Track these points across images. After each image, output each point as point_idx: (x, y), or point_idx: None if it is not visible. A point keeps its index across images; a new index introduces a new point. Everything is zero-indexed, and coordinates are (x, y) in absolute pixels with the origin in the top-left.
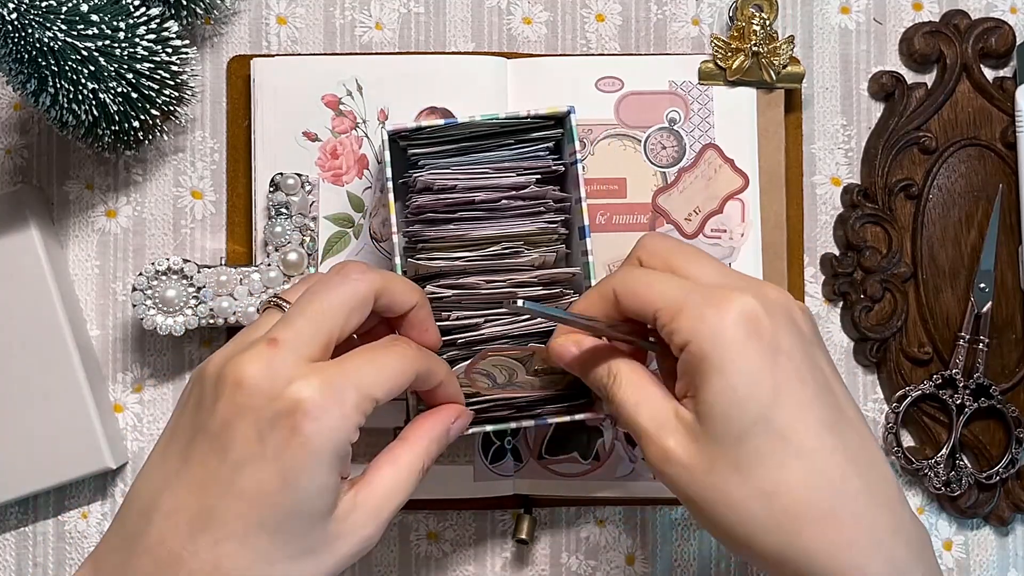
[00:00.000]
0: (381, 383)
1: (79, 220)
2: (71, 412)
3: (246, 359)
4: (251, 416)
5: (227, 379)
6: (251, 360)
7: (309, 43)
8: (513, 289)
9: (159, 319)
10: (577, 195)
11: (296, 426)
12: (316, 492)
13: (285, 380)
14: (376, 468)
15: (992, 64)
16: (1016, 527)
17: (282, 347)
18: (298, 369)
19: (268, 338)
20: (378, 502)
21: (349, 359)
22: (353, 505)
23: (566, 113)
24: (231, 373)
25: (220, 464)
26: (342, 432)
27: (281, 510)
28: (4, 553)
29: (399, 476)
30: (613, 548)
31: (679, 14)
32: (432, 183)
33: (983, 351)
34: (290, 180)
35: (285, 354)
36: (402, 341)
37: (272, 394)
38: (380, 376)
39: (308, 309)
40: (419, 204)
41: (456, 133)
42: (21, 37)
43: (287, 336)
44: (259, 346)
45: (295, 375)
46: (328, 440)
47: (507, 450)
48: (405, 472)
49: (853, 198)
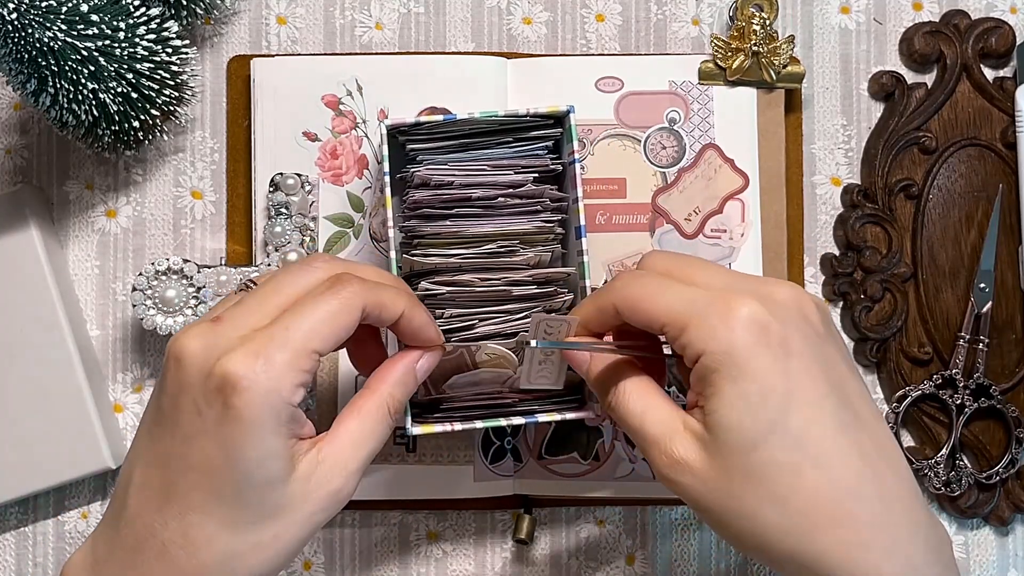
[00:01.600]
0: (316, 334)
1: (79, 220)
2: (71, 412)
3: (187, 335)
4: (190, 392)
5: (170, 355)
6: (191, 336)
7: (309, 43)
8: (508, 287)
9: (159, 319)
10: (574, 195)
11: (227, 400)
12: (260, 461)
13: (217, 355)
14: (340, 421)
15: (992, 64)
16: (1016, 527)
17: (223, 323)
18: (230, 343)
19: (214, 316)
20: (344, 454)
21: (280, 320)
22: (316, 462)
23: (565, 113)
24: (173, 349)
25: (173, 440)
26: (275, 397)
27: (231, 481)
28: (4, 553)
29: (364, 426)
30: (613, 548)
31: (679, 14)
32: (429, 178)
33: (983, 351)
34: (290, 180)
35: (224, 329)
36: (341, 281)
37: (205, 369)
38: (313, 327)
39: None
40: (416, 199)
41: (455, 130)
42: (21, 37)
43: (232, 313)
44: (203, 324)
45: (226, 349)
46: (262, 409)
47: (507, 450)
48: (371, 421)
49: (853, 198)
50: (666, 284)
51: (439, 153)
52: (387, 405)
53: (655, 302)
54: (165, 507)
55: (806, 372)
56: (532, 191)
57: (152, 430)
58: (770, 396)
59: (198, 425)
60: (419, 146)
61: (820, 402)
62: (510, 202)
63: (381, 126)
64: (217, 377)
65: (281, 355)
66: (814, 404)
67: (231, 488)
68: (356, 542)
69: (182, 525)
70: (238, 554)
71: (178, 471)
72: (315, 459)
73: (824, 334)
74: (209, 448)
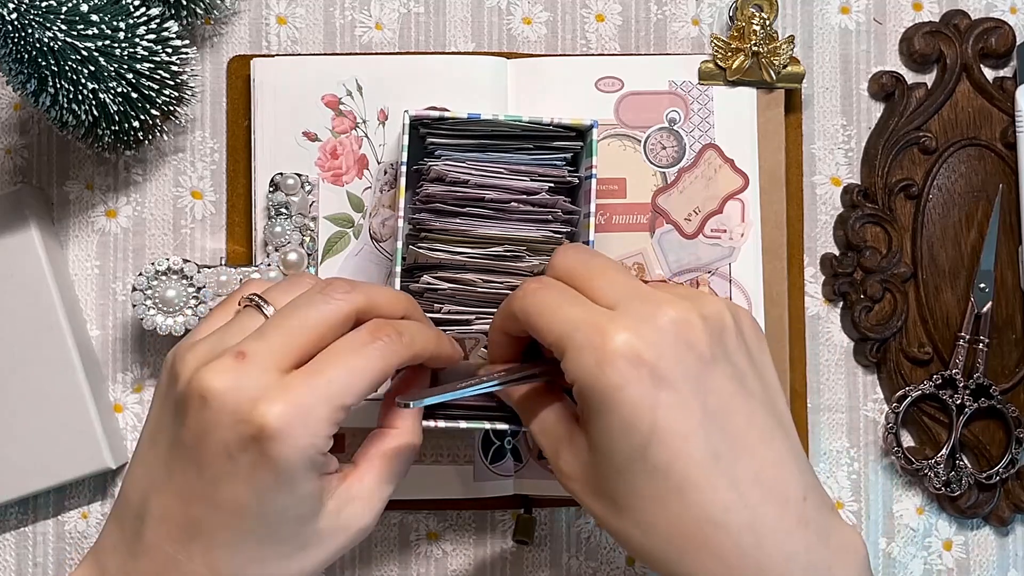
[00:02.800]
0: (354, 389)
1: (79, 220)
2: (71, 412)
3: (212, 373)
4: (219, 435)
5: (194, 392)
6: (217, 374)
7: (309, 43)
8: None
9: (159, 319)
10: (586, 209)
11: (263, 450)
12: (293, 504)
13: (250, 400)
14: (367, 458)
15: (992, 64)
16: (1016, 527)
17: (250, 361)
18: (264, 387)
19: (237, 351)
20: (372, 490)
21: (318, 368)
22: (347, 498)
23: (589, 127)
24: (197, 386)
25: (198, 478)
26: (311, 449)
27: (262, 521)
28: (4, 553)
29: (391, 465)
30: (613, 548)
31: (679, 14)
32: (445, 174)
33: (983, 351)
34: (290, 180)
35: (252, 369)
36: (382, 332)
37: (238, 415)
38: (351, 382)
39: (284, 324)
40: (429, 192)
41: (476, 129)
42: (21, 37)
43: (257, 349)
44: (227, 359)
45: (261, 394)
46: (297, 459)
47: (507, 450)
48: (397, 462)
49: (853, 198)
50: (558, 300)
51: (458, 150)
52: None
53: (544, 320)
54: (190, 543)
55: (677, 404)
56: (545, 200)
57: (170, 462)
58: (632, 431)
59: (228, 468)
60: (439, 141)
61: (690, 433)
62: (522, 208)
63: (405, 115)
64: (253, 425)
65: (320, 410)
66: (681, 435)
67: (262, 528)
68: None
69: (208, 560)
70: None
71: (204, 510)
72: (345, 496)
73: (707, 358)
74: (240, 491)
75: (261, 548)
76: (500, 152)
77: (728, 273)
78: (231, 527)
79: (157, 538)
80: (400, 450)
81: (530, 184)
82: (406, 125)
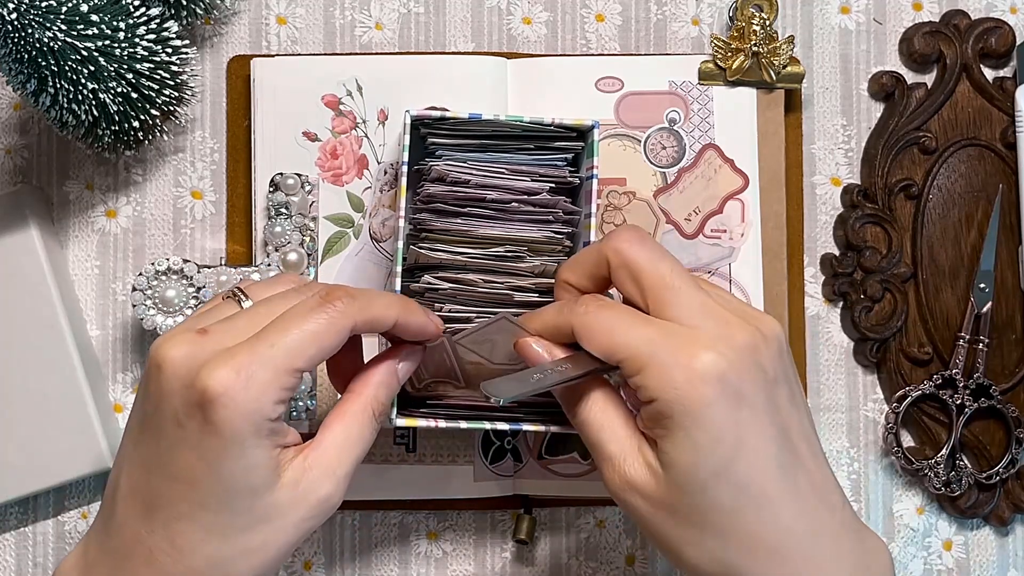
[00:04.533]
0: (301, 353)
1: (79, 220)
2: (71, 412)
3: (170, 343)
4: (170, 402)
5: (152, 361)
6: (175, 345)
7: (309, 43)
8: (510, 292)
9: (159, 319)
10: (587, 210)
11: (206, 415)
12: (243, 472)
13: (198, 367)
14: (325, 426)
15: (992, 64)
16: (1016, 527)
17: (209, 337)
18: (212, 355)
19: (200, 327)
20: (331, 460)
21: (263, 334)
22: (303, 468)
23: (590, 127)
24: (155, 356)
25: (156, 447)
26: (255, 414)
27: (215, 491)
28: (4, 553)
29: (350, 430)
30: (613, 548)
31: (679, 14)
32: (446, 174)
33: (983, 351)
34: (290, 180)
35: (207, 342)
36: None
37: (186, 380)
38: (298, 345)
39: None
40: (430, 192)
41: (477, 129)
42: (21, 37)
43: (220, 328)
44: (188, 333)
45: (207, 361)
46: (242, 423)
47: (507, 450)
48: (356, 424)
49: (853, 198)
50: (628, 319)
51: (459, 150)
52: (371, 408)
53: (614, 336)
54: (151, 515)
55: (755, 420)
56: (546, 200)
57: (136, 436)
58: (719, 446)
59: (179, 435)
60: (440, 141)
61: (765, 448)
62: (523, 208)
63: (406, 115)
64: (197, 390)
65: (263, 373)
66: (759, 451)
67: (215, 498)
68: (356, 542)
69: (168, 533)
70: (226, 560)
71: (162, 480)
72: (302, 465)
73: (773, 379)
74: (191, 459)
75: (218, 519)
76: (501, 152)
77: (728, 273)
78: (187, 498)
79: (125, 514)
80: (357, 413)
81: (531, 184)
82: (407, 125)
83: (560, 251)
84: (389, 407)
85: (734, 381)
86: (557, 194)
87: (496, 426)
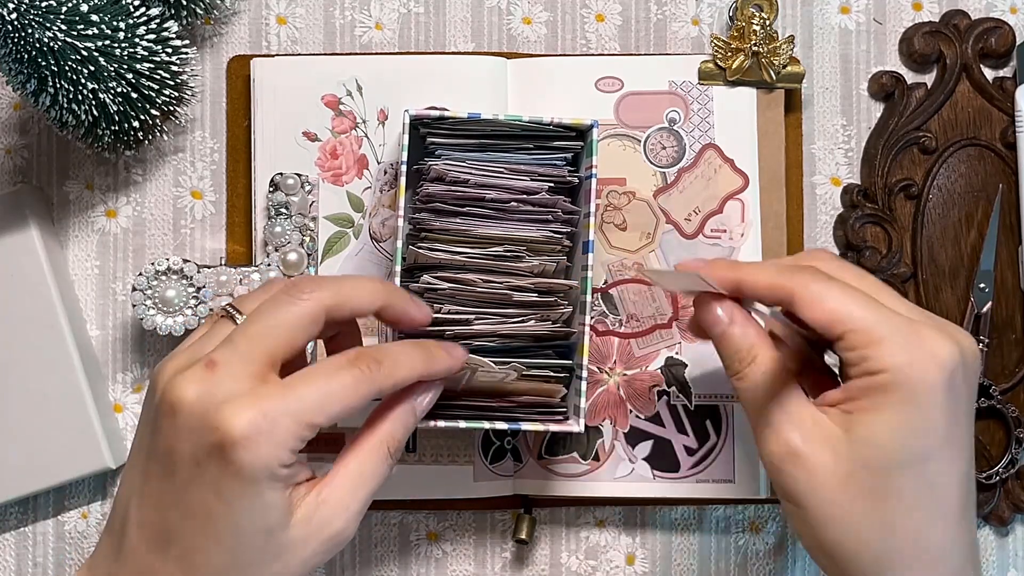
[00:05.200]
0: (322, 410)
1: (79, 220)
2: (71, 412)
3: (182, 383)
4: (187, 442)
5: (165, 402)
6: (187, 384)
7: (309, 43)
8: (508, 292)
9: (159, 319)
10: (586, 209)
11: (227, 457)
12: (259, 512)
13: (217, 408)
14: (339, 462)
15: (992, 64)
16: (1016, 527)
17: (219, 370)
18: (233, 395)
19: (208, 360)
20: (344, 496)
21: (291, 385)
22: (316, 505)
23: (589, 127)
24: (168, 396)
25: (169, 485)
26: (273, 461)
27: (230, 528)
28: (4, 553)
29: (364, 467)
30: (613, 548)
31: (679, 14)
32: (445, 173)
33: (983, 351)
34: (290, 180)
35: (221, 377)
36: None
37: (205, 422)
38: (322, 403)
39: (250, 330)
40: (430, 192)
41: (476, 129)
42: (21, 37)
43: (226, 358)
44: (197, 369)
45: (228, 403)
46: (261, 468)
47: (507, 450)
48: (370, 462)
49: (853, 198)
50: (860, 297)
51: (458, 150)
52: (386, 445)
53: (846, 306)
54: (165, 548)
55: (963, 426)
56: (545, 200)
57: (145, 468)
58: (928, 435)
59: (195, 474)
60: (439, 140)
61: (961, 456)
62: (522, 208)
63: (405, 115)
64: (219, 432)
65: (286, 423)
66: (957, 457)
67: (230, 534)
68: (356, 542)
69: (182, 565)
70: None
71: (176, 517)
72: (315, 502)
73: (973, 393)
74: (208, 499)
75: (231, 555)
76: (500, 152)
77: None
78: (203, 534)
79: (136, 544)
80: (372, 449)
81: (530, 184)
82: (406, 125)
83: (559, 250)
84: (404, 443)
85: (959, 381)
86: (556, 194)
87: (496, 426)
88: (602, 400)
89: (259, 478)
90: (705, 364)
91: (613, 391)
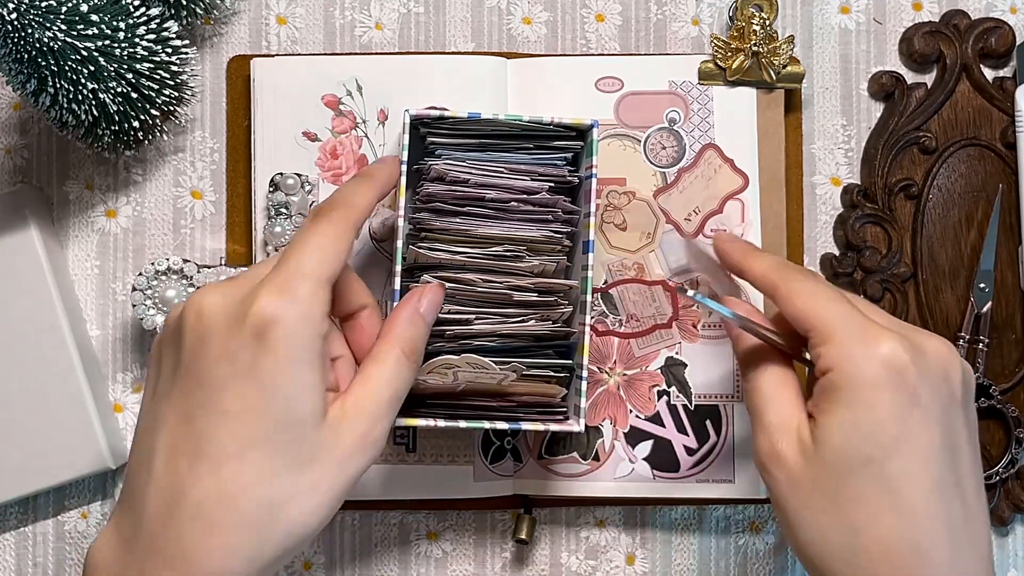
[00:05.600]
0: (324, 261)
1: (79, 220)
2: (71, 412)
3: (205, 292)
4: (217, 340)
5: (189, 312)
6: (209, 292)
7: (309, 43)
8: (509, 292)
9: (159, 319)
10: (586, 209)
11: (261, 336)
12: (298, 394)
13: (240, 303)
14: (360, 371)
15: (992, 64)
16: (1016, 527)
17: (239, 280)
18: (252, 290)
19: (230, 278)
20: (367, 399)
21: (283, 259)
22: (343, 410)
23: (589, 127)
24: (192, 306)
25: (200, 392)
26: (309, 326)
27: (269, 421)
28: (4, 553)
29: (383, 369)
30: (613, 548)
31: (679, 14)
32: (446, 173)
33: (983, 351)
34: (290, 180)
35: (241, 282)
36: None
37: (230, 315)
38: (319, 257)
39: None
40: (430, 192)
41: (476, 129)
42: (21, 37)
43: (246, 273)
44: (218, 283)
45: (251, 295)
46: (297, 338)
47: (507, 450)
48: (388, 364)
49: (853, 198)
50: (832, 294)
51: (458, 150)
52: (399, 347)
53: (813, 303)
54: (197, 464)
55: (924, 426)
56: (546, 200)
57: (171, 391)
58: (878, 434)
59: (229, 371)
60: (440, 140)
61: (927, 458)
62: (522, 208)
63: (405, 115)
64: (253, 318)
65: (303, 286)
66: (920, 458)
67: (268, 430)
68: (356, 542)
69: (216, 480)
70: (275, 504)
71: (209, 421)
72: (341, 407)
73: (958, 399)
74: (243, 389)
75: (267, 457)
76: (500, 152)
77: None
78: (235, 435)
79: (164, 470)
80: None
81: (530, 184)
82: (407, 124)
83: (559, 250)
84: (421, 346)
85: (912, 379)
86: (556, 194)
87: (496, 426)
88: (602, 400)
89: (297, 350)
90: (705, 364)
91: (613, 391)
